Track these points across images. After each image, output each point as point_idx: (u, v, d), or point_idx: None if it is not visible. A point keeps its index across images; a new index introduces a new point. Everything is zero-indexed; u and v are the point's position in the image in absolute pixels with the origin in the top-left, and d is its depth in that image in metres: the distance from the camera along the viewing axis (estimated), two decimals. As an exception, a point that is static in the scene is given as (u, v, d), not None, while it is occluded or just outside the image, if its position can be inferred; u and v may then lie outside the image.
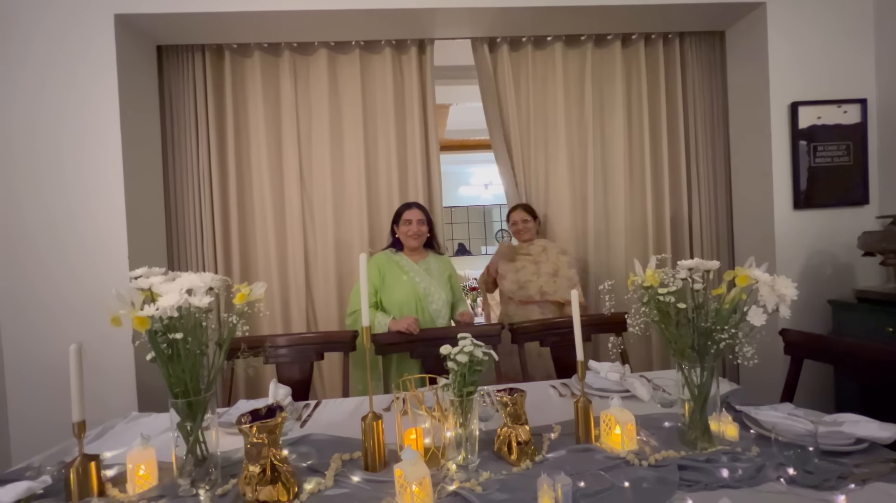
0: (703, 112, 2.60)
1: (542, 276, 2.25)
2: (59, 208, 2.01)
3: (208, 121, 2.42)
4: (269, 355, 1.74)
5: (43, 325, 1.99)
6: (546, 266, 2.27)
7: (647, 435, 1.11)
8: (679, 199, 2.63)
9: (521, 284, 2.28)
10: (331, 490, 0.95)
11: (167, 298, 0.89)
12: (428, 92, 2.55)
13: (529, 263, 2.31)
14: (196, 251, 2.42)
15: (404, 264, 1.96)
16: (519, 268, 2.32)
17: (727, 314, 1.01)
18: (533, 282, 2.26)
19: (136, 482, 0.98)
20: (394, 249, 2.02)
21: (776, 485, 0.88)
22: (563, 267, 2.27)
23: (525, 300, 2.27)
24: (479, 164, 7.07)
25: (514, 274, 2.31)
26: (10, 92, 1.98)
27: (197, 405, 0.97)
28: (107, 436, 1.30)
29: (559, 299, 2.24)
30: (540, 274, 2.26)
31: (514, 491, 0.89)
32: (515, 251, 2.37)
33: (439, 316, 1.93)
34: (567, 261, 2.30)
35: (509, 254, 2.37)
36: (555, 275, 2.26)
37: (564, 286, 2.25)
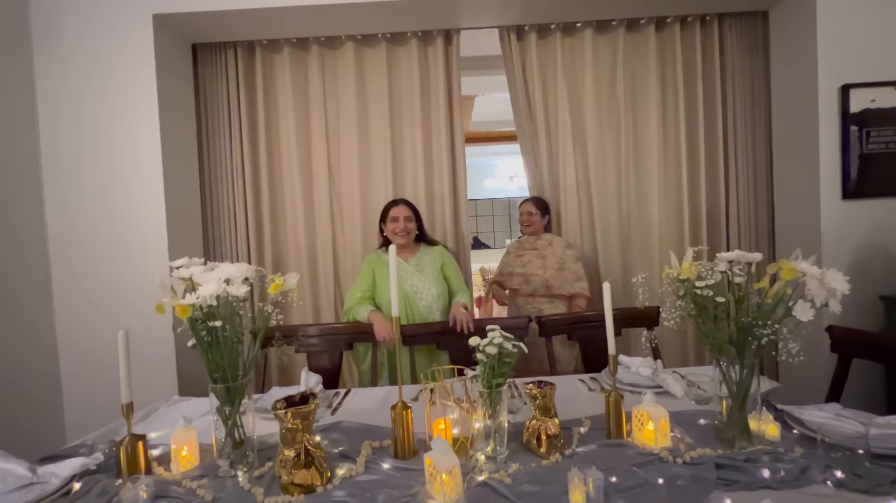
0: (743, 98, 2.47)
1: (548, 270, 2.28)
2: (103, 203, 2.11)
3: (241, 116, 2.49)
4: (300, 344, 1.78)
5: (91, 315, 2.11)
6: (551, 260, 2.29)
7: (681, 432, 1.08)
8: (716, 190, 2.52)
9: (527, 278, 2.31)
10: (362, 476, 0.97)
11: (207, 288, 0.92)
12: (454, 83, 2.53)
13: (535, 257, 2.33)
14: (230, 243, 2.50)
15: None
16: (525, 263, 2.35)
17: (770, 309, 0.96)
18: (538, 276, 2.28)
19: (180, 462, 1.03)
20: (384, 249, 1.97)
21: (822, 488, 0.84)
22: (569, 261, 2.29)
23: (531, 293, 2.29)
24: (504, 155, 6.98)
25: (521, 268, 2.35)
26: (56, 92, 2.09)
27: (235, 390, 1.01)
28: (151, 418, 1.37)
29: (564, 292, 2.27)
30: (546, 268, 2.28)
31: (545, 484, 0.89)
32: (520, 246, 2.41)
33: (430, 312, 1.90)
34: (573, 255, 2.31)
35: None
36: (560, 269, 2.28)
37: (569, 280, 2.27)
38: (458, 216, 2.58)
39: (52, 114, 2.09)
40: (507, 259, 2.44)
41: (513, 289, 2.38)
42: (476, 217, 7.26)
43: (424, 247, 2.03)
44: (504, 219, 7.40)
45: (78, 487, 0.95)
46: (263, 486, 0.93)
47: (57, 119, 2.09)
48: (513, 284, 2.37)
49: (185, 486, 0.94)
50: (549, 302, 2.28)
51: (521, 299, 2.34)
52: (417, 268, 1.95)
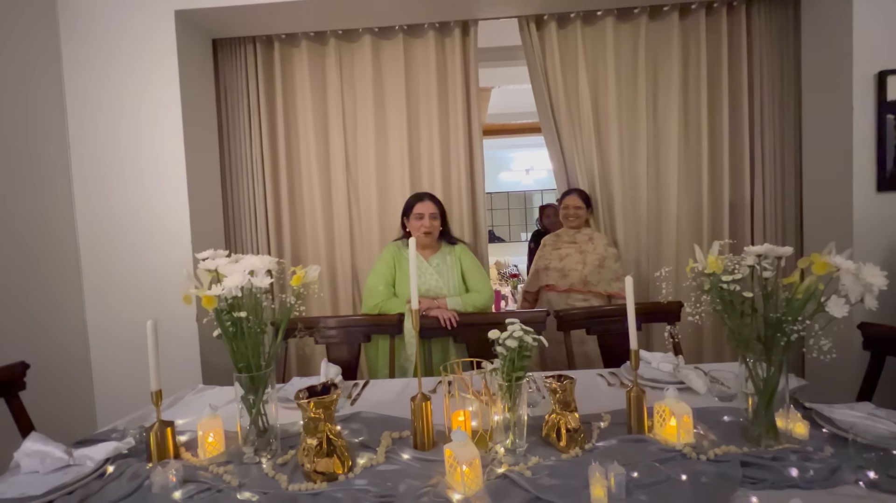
0: (771, 86, 2.39)
1: (587, 266, 2.20)
2: (129, 196, 2.17)
3: (260, 110, 2.52)
4: (320, 335, 1.81)
5: (119, 306, 2.17)
6: (592, 256, 2.22)
7: (704, 429, 1.06)
8: (740, 183, 2.44)
9: (564, 272, 2.24)
10: (382, 465, 0.98)
11: (232, 279, 0.94)
12: (471, 74, 2.51)
13: (575, 252, 2.25)
14: (251, 236, 2.55)
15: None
16: (563, 256, 2.27)
17: (800, 305, 0.93)
18: (577, 271, 2.21)
19: (207, 448, 1.06)
20: (405, 241, 1.92)
21: (854, 489, 0.82)
22: (610, 259, 2.22)
23: (567, 288, 2.22)
24: (520, 148, 6.92)
25: (559, 262, 2.27)
26: (84, 88, 2.14)
27: (258, 380, 1.03)
28: (177, 405, 1.41)
29: (601, 291, 2.19)
30: (586, 263, 2.21)
31: (565, 477, 0.88)
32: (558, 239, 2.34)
33: None
34: (614, 254, 2.24)
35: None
36: (600, 266, 2.20)
37: (608, 279, 2.19)
38: (476, 209, 2.57)
39: (80, 109, 2.15)
40: (543, 252, 2.35)
41: (547, 285, 2.29)
42: (492, 210, 7.23)
43: (446, 246, 1.98)
44: (520, 212, 7.35)
45: (111, 470, 0.99)
46: (287, 473, 0.95)
47: (84, 114, 2.15)
48: (548, 280, 2.28)
49: (212, 472, 0.97)
50: (584, 299, 2.19)
51: (553, 295, 2.26)
52: (437, 269, 1.91)
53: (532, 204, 7.26)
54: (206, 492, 0.90)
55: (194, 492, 0.90)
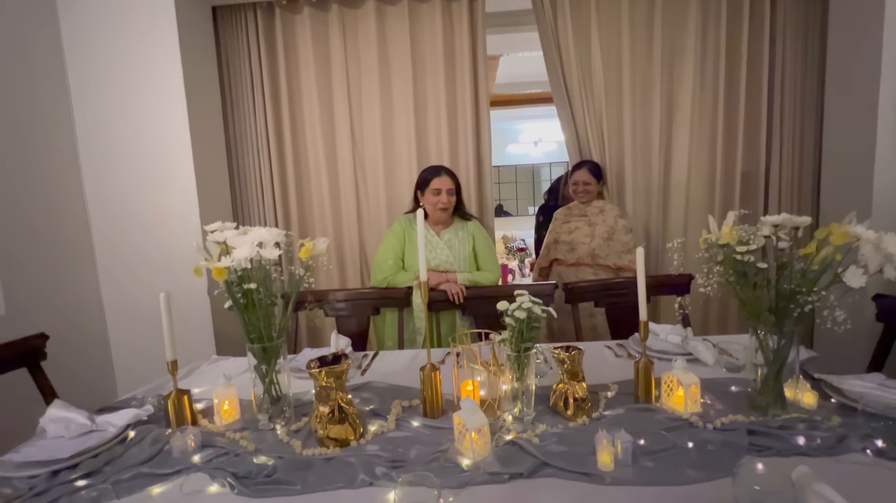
0: (793, 50, 2.28)
1: (595, 239, 2.18)
2: (136, 171, 2.16)
3: (263, 81, 2.46)
4: (329, 308, 1.83)
5: (132, 280, 2.20)
6: (601, 229, 2.19)
7: (711, 398, 1.07)
8: (755, 152, 2.38)
9: (572, 246, 2.22)
10: (393, 432, 1.01)
11: (241, 251, 0.94)
12: (479, 41, 2.42)
13: (584, 225, 2.23)
14: (258, 210, 2.55)
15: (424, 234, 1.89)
16: (573, 230, 2.25)
17: (815, 276, 0.91)
18: (585, 245, 2.20)
19: (222, 415, 1.09)
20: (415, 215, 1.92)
21: (861, 457, 0.82)
22: (620, 231, 2.18)
23: (575, 262, 2.21)
24: (528, 120, 6.75)
25: (567, 235, 2.25)
26: (84, 59, 2.09)
27: (271, 350, 1.05)
28: (193, 375, 1.45)
29: (610, 264, 2.17)
30: (594, 236, 2.19)
31: (572, 444, 0.90)
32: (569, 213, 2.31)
33: None
34: (624, 226, 2.19)
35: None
36: (609, 238, 2.17)
37: (617, 251, 2.17)
38: (482, 183, 2.54)
39: (83, 83, 2.11)
40: (555, 226, 2.34)
41: (556, 258, 2.29)
42: (499, 184, 7.13)
43: (458, 221, 1.95)
44: (527, 186, 7.24)
45: (133, 435, 1.03)
46: (301, 439, 0.98)
47: (87, 88, 2.12)
48: (557, 253, 2.28)
49: (229, 437, 1.01)
50: (593, 273, 2.18)
51: (563, 268, 2.25)
52: (448, 244, 1.90)
53: (540, 177, 7.14)
54: (224, 456, 0.93)
55: (212, 456, 0.93)
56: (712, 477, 0.79)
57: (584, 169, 2.26)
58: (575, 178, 2.28)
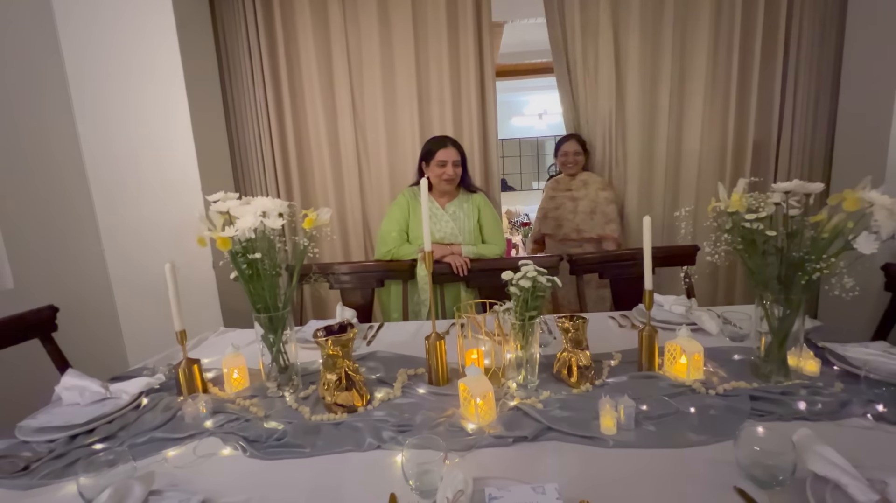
0: (811, 16, 2.18)
1: (578, 215, 2.23)
2: (137, 147, 2.12)
3: (261, 53, 2.40)
4: (334, 281, 1.84)
5: (137, 252, 2.21)
6: (584, 203, 2.24)
7: (714, 366, 1.07)
8: (767, 120, 2.32)
9: (559, 222, 2.28)
10: (399, 399, 1.03)
11: (244, 220, 0.94)
12: (483, 6, 2.34)
13: (568, 200, 2.28)
14: (259, 183, 2.53)
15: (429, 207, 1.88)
16: (558, 206, 2.30)
17: (826, 244, 0.90)
18: (570, 221, 2.24)
19: (232, 383, 1.12)
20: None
21: (861, 421, 0.83)
22: (602, 203, 2.23)
23: (563, 238, 2.27)
24: (533, 91, 6.57)
25: (554, 211, 2.30)
26: (81, 40, 2.03)
27: (277, 320, 1.06)
28: (202, 346, 1.48)
29: (594, 235, 2.23)
30: (577, 212, 2.24)
31: (576, 410, 0.92)
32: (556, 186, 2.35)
33: None
34: (606, 198, 2.24)
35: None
36: (592, 212, 2.23)
37: (600, 223, 2.22)
38: (488, 156, 2.49)
39: (79, 62, 2.05)
40: (543, 200, 2.40)
41: (546, 234, 2.35)
42: (503, 158, 7.02)
43: (463, 193, 1.92)
44: (532, 159, 7.12)
45: (146, 402, 1.05)
46: (309, 406, 1.00)
47: (84, 67, 2.06)
48: (546, 229, 2.34)
49: (239, 404, 1.03)
50: (578, 246, 2.26)
51: (552, 243, 2.32)
52: (453, 217, 1.88)
53: (545, 151, 7.01)
54: (235, 422, 0.95)
55: (223, 421, 0.96)
56: (714, 440, 0.80)
57: (572, 140, 2.31)
58: (564, 149, 2.32)
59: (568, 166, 2.31)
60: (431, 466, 0.69)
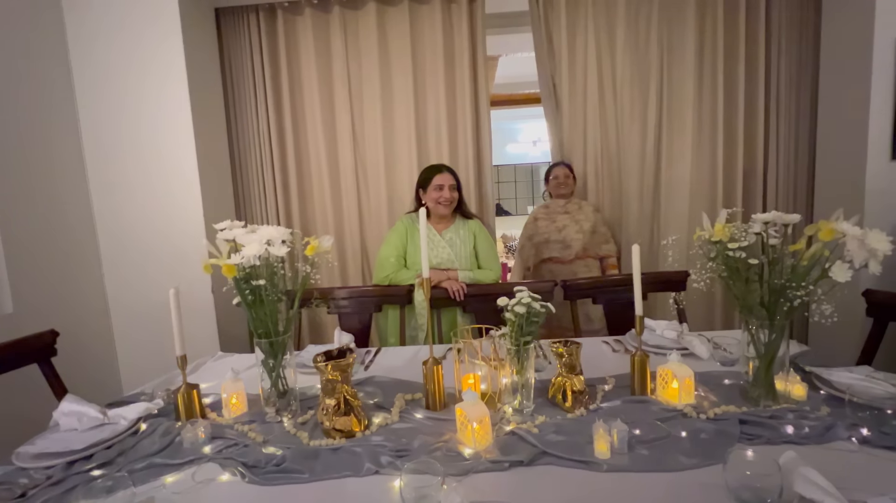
0: (788, 51, 2.32)
1: (584, 234, 2.31)
2: (140, 169, 2.18)
3: (265, 81, 2.49)
4: (332, 306, 1.86)
5: (136, 278, 2.23)
6: (586, 224, 2.33)
7: (705, 391, 1.10)
8: (754, 151, 2.42)
9: (566, 243, 2.32)
10: (397, 424, 1.04)
11: (250, 248, 0.97)
12: (478, 42, 2.46)
13: (570, 222, 2.34)
14: (260, 208, 2.58)
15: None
16: (561, 227, 2.35)
17: (805, 271, 0.95)
18: (578, 240, 2.30)
19: (231, 408, 1.12)
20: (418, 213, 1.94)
21: (847, 444, 0.85)
22: (598, 223, 2.35)
23: (572, 258, 2.30)
24: (527, 119, 6.78)
25: (558, 233, 2.34)
26: (90, 61, 2.12)
27: (277, 345, 1.08)
28: (199, 371, 1.48)
29: (602, 254, 2.34)
30: (583, 231, 2.31)
31: (570, 434, 0.93)
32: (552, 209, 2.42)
33: None
34: (601, 219, 2.37)
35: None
36: (593, 232, 2.33)
37: (599, 242, 2.34)
38: (483, 182, 2.57)
39: (87, 84, 2.14)
40: (540, 226, 2.40)
41: (548, 258, 2.36)
42: (498, 183, 7.16)
43: (460, 220, 1.97)
44: (527, 185, 7.27)
45: (144, 427, 1.06)
46: (307, 431, 1.01)
47: (92, 87, 2.14)
48: (550, 252, 2.35)
49: (238, 429, 1.04)
50: (584, 265, 2.31)
51: (558, 266, 2.33)
52: (450, 243, 1.92)
53: (539, 177, 7.15)
54: (234, 447, 0.96)
55: (222, 446, 0.96)
56: (704, 463, 0.82)
57: (561, 165, 2.43)
58: (555, 173, 2.43)
59: (560, 188, 2.40)
60: (429, 491, 0.71)
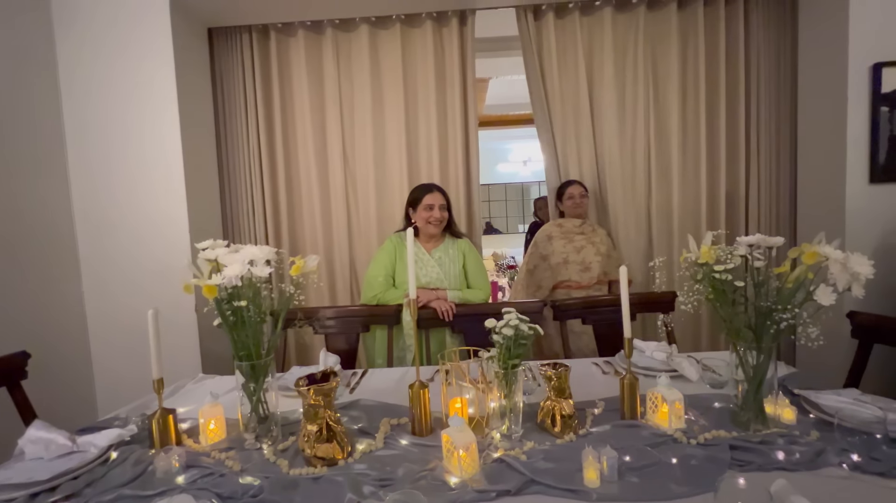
0: (767, 78, 2.40)
1: (602, 257, 2.22)
2: (126, 187, 2.16)
3: (256, 100, 2.50)
4: (318, 326, 1.83)
5: (118, 296, 2.17)
6: (602, 247, 2.26)
7: (695, 414, 1.09)
8: (736, 174, 2.47)
9: (586, 266, 2.21)
10: (381, 451, 1.00)
11: (231, 268, 0.95)
12: (468, 65, 2.50)
13: (587, 243, 2.25)
14: (249, 227, 2.55)
15: (415, 252, 1.91)
16: (580, 248, 2.24)
17: (790, 294, 0.95)
18: (597, 262, 2.22)
19: (208, 434, 1.08)
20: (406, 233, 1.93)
21: (837, 471, 0.84)
22: (611, 248, 2.31)
23: (588, 283, 2.20)
24: (518, 139, 6.90)
25: (577, 254, 2.22)
26: (79, 78, 2.12)
27: (259, 368, 1.05)
28: (178, 394, 1.43)
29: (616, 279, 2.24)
30: (601, 254, 2.22)
31: (559, 461, 0.91)
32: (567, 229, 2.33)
33: None
34: (612, 243, 2.34)
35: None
36: (608, 256, 2.26)
37: (615, 266, 2.24)
38: (471, 200, 2.58)
39: (75, 97, 2.12)
40: (556, 245, 2.25)
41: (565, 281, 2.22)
42: (489, 202, 7.23)
43: (449, 239, 1.97)
44: (517, 204, 7.35)
45: (115, 456, 1.01)
46: (288, 458, 0.97)
47: (80, 102, 2.13)
48: (569, 274, 2.21)
49: (214, 457, 0.99)
50: (598, 289, 2.22)
51: (575, 292, 2.19)
52: (439, 262, 1.91)
53: (529, 195, 7.27)
54: (209, 477, 0.92)
55: (197, 476, 0.92)
56: (695, 491, 0.80)
57: (576, 184, 2.35)
58: (570, 192, 2.33)
59: (577, 208, 2.29)
60: (412, 524, 0.68)
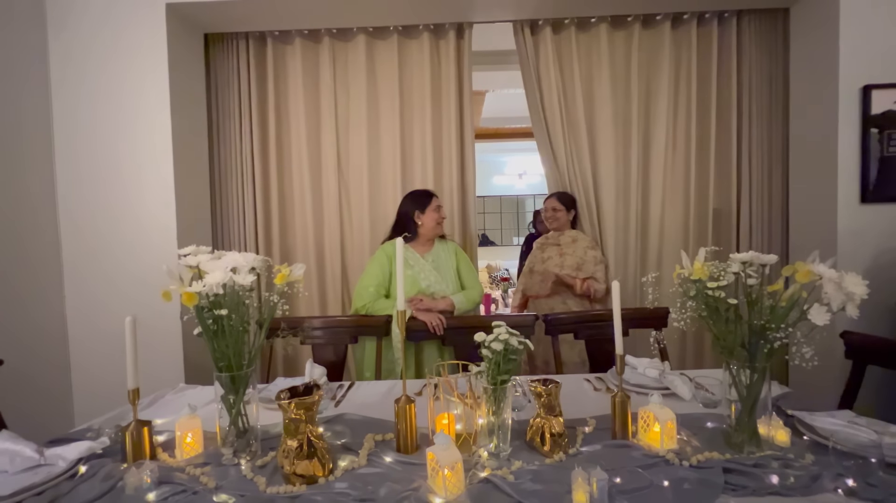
0: (759, 97, 2.42)
1: (564, 269, 2.25)
2: (114, 194, 2.13)
3: (251, 107, 2.49)
4: (305, 336, 1.79)
5: (102, 301, 2.13)
6: (570, 259, 2.26)
7: (688, 434, 1.06)
8: (726, 192, 2.48)
9: (545, 276, 2.28)
10: (364, 468, 0.97)
11: (213, 276, 0.92)
12: (465, 78, 2.51)
13: (555, 254, 2.30)
14: (239, 235, 2.51)
15: (409, 258, 1.90)
16: (545, 259, 2.32)
17: (784, 312, 0.94)
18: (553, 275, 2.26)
19: (184, 448, 1.04)
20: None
21: (833, 497, 0.82)
22: (589, 262, 2.25)
23: (545, 293, 2.26)
24: (513, 152, 6.95)
25: (541, 264, 2.32)
26: (71, 82, 2.10)
27: (239, 379, 1.01)
28: (157, 404, 1.38)
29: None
30: (563, 266, 2.25)
31: (548, 482, 0.88)
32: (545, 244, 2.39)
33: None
34: (594, 258, 2.27)
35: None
36: (578, 268, 2.24)
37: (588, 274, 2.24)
38: (466, 212, 2.57)
39: (66, 101, 2.11)
40: (534, 256, 2.41)
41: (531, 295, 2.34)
42: (484, 214, 7.24)
43: (439, 242, 2.02)
44: (512, 216, 7.37)
45: (84, 470, 0.96)
46: (266, 476, 0.93)
47: (70, 107, 2.11)
48: (532, 289, 2.34)
49: (189, 473, 0.95)
50: (562, 301, 2.25)
51: (535, 301, 2.30)
52: (434, 265, 1.93)
53: (525, 208, 7.30)
54: (182, 494, 0.88)
55: (169, 493, 0.88)
56: (688, 517, 0.77)
57: (553, 198, 2.39)
58: (545, 205, 2.42)
59: (549, 221, 2.38)
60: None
